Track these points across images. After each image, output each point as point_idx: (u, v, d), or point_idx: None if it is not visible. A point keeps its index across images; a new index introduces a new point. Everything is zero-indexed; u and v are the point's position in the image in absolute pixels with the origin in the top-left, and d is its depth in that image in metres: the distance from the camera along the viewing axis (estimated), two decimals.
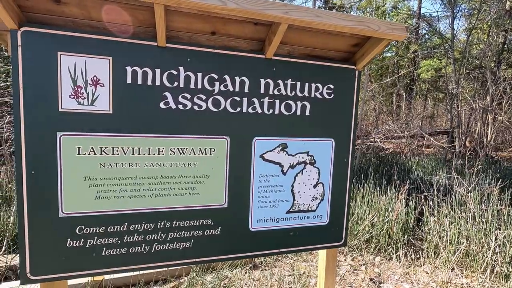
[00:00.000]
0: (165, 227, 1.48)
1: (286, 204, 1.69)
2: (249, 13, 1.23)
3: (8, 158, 4.10)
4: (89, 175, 1.35)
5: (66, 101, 1.29)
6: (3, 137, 4.36)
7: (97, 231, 1.38)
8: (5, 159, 4.15)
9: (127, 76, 1.35)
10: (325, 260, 1.87)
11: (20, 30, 1.21)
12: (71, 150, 1.31)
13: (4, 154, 4.12)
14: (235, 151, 1.55)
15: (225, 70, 1.49)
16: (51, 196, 1.31)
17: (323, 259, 1.88)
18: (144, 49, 1.36)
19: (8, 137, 4.35)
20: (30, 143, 1.26)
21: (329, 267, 1.88)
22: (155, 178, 1.44)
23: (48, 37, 1.24)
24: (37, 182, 1.28)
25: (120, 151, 1.37)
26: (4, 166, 4.10)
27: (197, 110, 1.46)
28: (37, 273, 1.33)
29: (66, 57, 1.27)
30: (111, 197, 1.39)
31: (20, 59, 1.22)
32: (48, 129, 1.27)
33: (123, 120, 1.36)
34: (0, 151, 4.19)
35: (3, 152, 4.12)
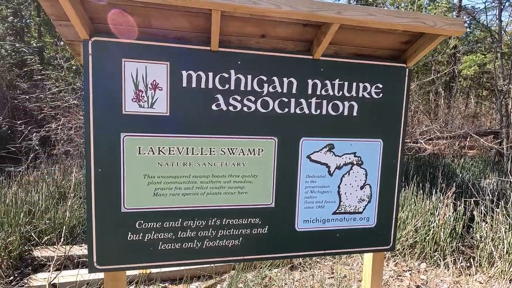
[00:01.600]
0: (215, 224, 1.54)
1: (332, 205, 1.68)
2: (302, 14, 1.24)
3: (61, 157, 4.48)
4: (148, 173, 1.44)
5: (129, 104, 1.39)
6: (56, 138, 4.76)
7: (154, 226, 1.47)
8: (59, 158, 4.53)
9: (182, 80, 1.42)
10: (371, 264, 1.82)
11: (91, 40, 1.32)
12: (133, 149, 1.41)
13: (58, 153, 4.51)
14: (283, 151, 1.57)
15: (274, 71, 1.51)
16: (115, 192, 1.41)
17: (369, 263, 1.84)
18: (198, 53, 1.43)
19: (61, 138, 4.75)
20: (98, 143, 1.37)
21: (375, 271, 1.83)
22: (206, 177, 1.50)
23: (115, 45, 1.35)
24: (103, 179, 1.39)
25: (175, 150, 1.45)
26: (58, 165, 4.48)
27: (246, 111, 1.50)
28: (102, 263, 1.44)
29: (130, 63, 1.37)
30: (167, 194, 1.47)
31: (91, 67, 1.33)
32: (113, 130, 1.38)
33: (178, 121, 1.44)
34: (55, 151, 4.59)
35: (57, 151, 4.51)
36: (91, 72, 1.34)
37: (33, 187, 3.57)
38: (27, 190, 3.38)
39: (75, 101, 5.02)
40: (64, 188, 3.72)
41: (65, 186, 3.74)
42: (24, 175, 3.99)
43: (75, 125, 4.87)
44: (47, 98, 5.13)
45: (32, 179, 3.91)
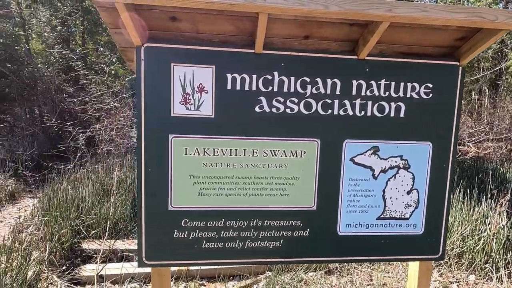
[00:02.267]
0: (257, 225, 1.55)
1: (376, 210, 1.62)
2: (351, 14, 1.22)
3: (104, 157, 4.78)
4: (194, 173, 1.48)
5: (177, 106, 1.44)
6: (99, 139, 5.09)
7: (198, 225, 1.51)
8: (102, 157, 4.84)
9: (227, 83, 1.45)
10: (417, 273, 1.73)
11: (143, 47, 1.40)
12: (180, 150, 1.46)
13: (101, 153, 4.82)
14: (325, 153, 1.54)
15: (317, 72, 1.49)
16: (163, 191, 1.48)
17: (415, 273, 1.74)
18: (242, 56, 1.45)
19: (103, 138, 5.07)
20: (148, 144, 1.45)
21: (422, 282, 1.73)
22: (249, 178, 1.52)
23: (165, 51, 1.41)
24: (152, 178, 1.46)
25: (219, 152, 1.48)
26: (101, 163, 4.78)
27: (289, 113, 1.50)
28: (150, 258, 1.51)
29: (178, 67, 1.42)
30: (211, 194, 1.51)
31: (143, 71, 1.41)
32: (162, 132, 1.44)
33: (222, 123, 1.47)
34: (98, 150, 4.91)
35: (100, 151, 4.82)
36: (143, 77, 1.41)
37: (80, 184, 3.85)
38: (75, 187, 3.65)
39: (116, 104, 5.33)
40: (107, 185, 3.95)
41: (108, 184, 3.98)
42: (72, 173, 4.31)
43: (116, 126, 5.18)
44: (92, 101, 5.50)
45: (79, 176, 4.22)
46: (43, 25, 9.50)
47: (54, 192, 3.52)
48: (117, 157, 5.07)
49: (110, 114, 5.51)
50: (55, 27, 9.58)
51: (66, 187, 3.60)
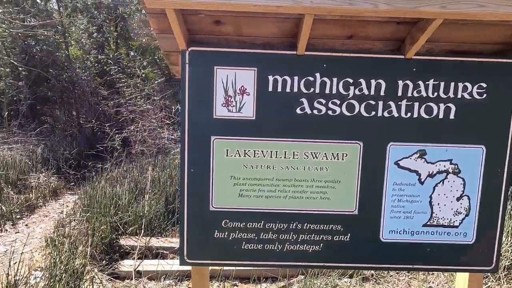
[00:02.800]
0: (296, 228, 1.53)
1: (422, 216, 1.54)
2: (402, 12, 1.17)
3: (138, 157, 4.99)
4: (234, 175, 1.50)
5: (219, 109, 1.46)
6: (133, 139, 5.31)
7: (238, 226, 1.52)
8: (135, 157, 5.05)
9: (269, 85, 1.45)
10: (466, 286, 1.62)
11: (188, 50, 1.44)
12: (221, 152, 1.48)
13: (135, 153, 5.02)
14: (368, 157, 1.49)
15: (361, 73, 1.45)
16: (205, 191, 1.50)
17: (464, 285, 1.64)
18: (284, 58, 1.44)
19: (137, 139, 5.29)
20: (191, 145, 1.48)
21: None
22: (289, 181, 1.51)
23: (208, 54, 1.44)
24: (195, 179, 1.50)
25: (260, 153, 1.49)
26: (134, 163, 4.98)
27: (331, 115, 1.47)
28: (192, 257, 1.54)
29: (221, 70, 1.45)
30: (251, 195, 1.51)
31: (187, 75, 1.45)
32: (205, 134, 1.47)
33: (263, 125, 1.47)
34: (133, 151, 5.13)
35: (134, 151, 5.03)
36: (187, 80, 1.45)
37: (116, 182, 4.03)
38: (112, 185, 3.83)
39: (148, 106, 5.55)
40: (141, 184, 4.11)
41: (142, 183, 4.14)
42: (109, 172, 4.54)
43: (148, 128, 5.38)
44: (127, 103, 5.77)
45: (115, 175, 4.42)
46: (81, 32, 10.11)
47: (94, 190, 3.72)
48: (149, 157, 5.27)
49: (142, 115, 5.74)
50: (92, 33, 10.16)
51: (105, 185, 3.79)
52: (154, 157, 5.10)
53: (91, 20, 10.00)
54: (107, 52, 10.83)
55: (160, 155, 5.40)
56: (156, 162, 4.83)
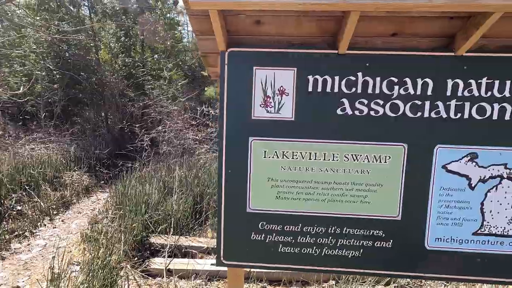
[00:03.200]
0: (335, 232, 1.48)
1: (472, 224, 1.44)
2: (459, 6, 1.10)
3: (165, 157, 5.11)
4: (272, 177, 1.48)
5: (258, 109, 1.45)
6: (160, 140, 5.44)
7: (275, 229, 1.50)
8: (163, 157, 5.17)
9: (308, 85, 1.42)
10: None
11: (227, 51, 1.44)
12: (259, 153, 1.47)
13: (162, 153, 5.15)
14: (413, 159, 1.42)
15: (406, 72, 1.39)
16: (242, 192, 1.49)
17: None
18: (325, 58, 1.41)
19: (164, 139, 5.42)
20: (229, 146, 1.48)
21: None
22: (328, 184, 1.47)
23: (247, 54, 1.43)
24: (232, 180, 1.49)
25: (298, 155, 1.46)
26: (161, 163, 5.10)
27: (373, 115, 1.41)
28: (228, 258, 1.54)
29: (260, 71, 1.43)
30: (289, 198, 1.48)
31: (226, 76, 1.45)
32: (243, 134, 1.47)
33: (302, 126, 1.44)
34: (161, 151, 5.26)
35: (161, 151, 5.15)
36: (226, 81, 1.45)
37: (145, 181, 4.15)
38: (142, 184, 3.95)
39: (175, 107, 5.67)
40: (169, 184, 4.20)
41: (169, 182, 4.23)
42: (138, 171, 4.68)
43: (174, 129, 5.50)
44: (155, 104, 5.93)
45: (143, 174, 4.55)
46: (110, 36, 10.55)
47: (125, 188, 3.85)
48: (175, 157, 5.38)
49: (168, 116, 5.87)
50: (120, 38, 10.57)
51: (135, 184, 3.91)
52: (180, 157, 5.20)
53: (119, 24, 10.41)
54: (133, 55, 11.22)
55: (186, 155, 5.50)
56: (182, 162, 4.92)
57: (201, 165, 5.02)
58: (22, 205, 3.99)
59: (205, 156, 5.65)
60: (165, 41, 11.90)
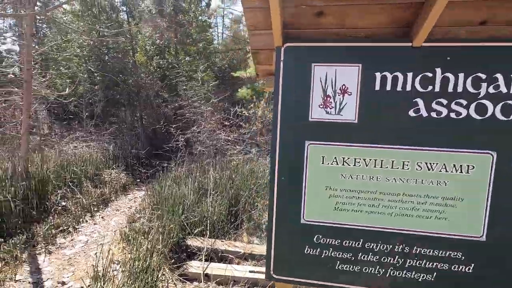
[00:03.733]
0: (403, 251, 1.30)
1: None
2: None
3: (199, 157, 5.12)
4: (330, 185, 1.33)
5: (316, 110, 1.31)
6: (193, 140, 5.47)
7: (332, 243, 1.35)
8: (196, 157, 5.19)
9: (375, 83, 1.25)
10: None
11: (283, 47, 1.31)
12: (316, 159, 1.33)
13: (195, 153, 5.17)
14: (504, 170, 1.20)
15: (497, 67, 1.17)
16: (296, 201, 1.36)
17: None
18: (396, 51, 1.23)
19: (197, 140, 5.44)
20: (283, 150, 1.35)
21: None
22: (396, 195, 1.28)
23: (305, 50, 1.30)
24: (285, 187, 1.36)
25: (361, 162, 1.29)
26: (195, 163, 5.11)
27: (454, 118, 1.21)
28: (278, 273, 1.41)
29: (319, 67, 1.29)
30: (349, 210, 1.32)
31: (281, 74, 1.32)
32: (298, 138, 1.33)
33: (367, 129, 1.28)
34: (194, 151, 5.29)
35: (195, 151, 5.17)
36: (281, 79, 1.32)
37: (180, 181, 4.16)
38: (177, 184, 3.96)
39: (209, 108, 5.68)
40: (203, 184, 4.17)
41: (204, 183, 4.20)
42: (172, 171, 4.73)
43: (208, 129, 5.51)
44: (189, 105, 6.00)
45: (178, 174, 4.59)
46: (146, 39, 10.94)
47: (162, 188, 3.88)
48: (207, 158, 5.38)
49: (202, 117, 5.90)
50: (155, 41, 10.93)
51: (171, 184, 3.93)
52: (213, 158, 5.19)
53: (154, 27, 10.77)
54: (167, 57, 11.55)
55: (218, 155, 5.48)
56: (215, 163, 4.90)
57: (234, 167, 4.96)
58: (66, 201, 4.17)
59: (237, 158, 5.59)
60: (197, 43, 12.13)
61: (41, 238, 3.23)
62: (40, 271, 2.70)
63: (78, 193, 4.38)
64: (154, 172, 5.55)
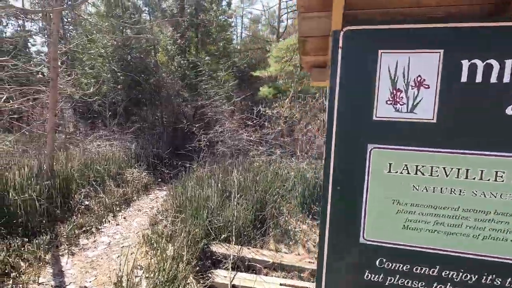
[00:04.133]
0: (493, 284, 1.04)
1: None
2: None
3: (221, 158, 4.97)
4: (398, 198, 1.09)
5: (382, 107, 1.08)
6: (215, 140, 5.33)
7: (400, 269, 1.11)
8: (218, 157, 5.04)
9: (461, 73, 1.01)
10: None
11: (343, 31, 1.09)
12: (380, 166, 1.09)
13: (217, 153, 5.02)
14: None
15: None
16: (354, 217, 1.13)
17: None
18: (491, 33, 0.98)
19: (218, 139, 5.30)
20: (339, 155, 1.13)
21: None
22: (485, 213, 1.03)
23: (370, 34, 1.07)
24: (341, 199, 1.14)
25: (440, 171, 1.05)
26: (217, 164, 4.96)
27: None
28: None
29: (388, 55, 1.06)
30: (422, 229, 1.08)
31: (339, 63, 1.10)
32: (359, 140, 1.11)
33: (448, 131, 1.03)
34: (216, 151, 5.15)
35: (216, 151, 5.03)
36: (339, 69, 1.10)
37: (203, 182, 4.02)
38: (202, 187, 3.82)
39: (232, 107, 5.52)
40: (226, 186, 4.00)
41: (227, 184, 4.03)
42: (194, 171, 4.60)
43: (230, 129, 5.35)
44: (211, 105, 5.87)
45: (200, 175, 4.45)
46: (167, 39, 10.99)
47: (185, 189, 3.75)
48: (229, 158, 5.22)
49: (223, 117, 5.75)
50: (176, 40, 10.95)
51: (194, 185, 3.79)
52: (235, 158, 5.02)
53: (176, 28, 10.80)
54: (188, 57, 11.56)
55: (240, 156, 5.31)
56: (237, 164, 4.72)
57: (257, 168, 4.77)
58: (89, 200, 4.14)
59: (259, 159, 5.40)
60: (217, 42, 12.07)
61: (64, 239, 3.17)
62: (62, 274, 2.62)
63: (101, 192, 4.34)
64: (177, 173, 5.46)
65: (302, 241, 3.18)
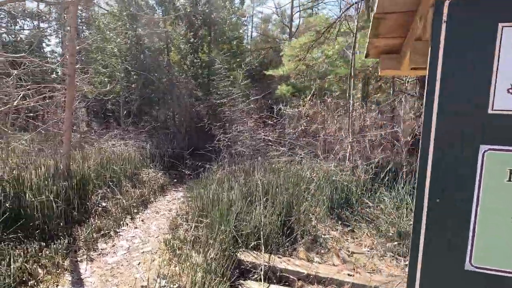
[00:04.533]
0: None
1: None
2: None
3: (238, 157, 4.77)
4: None
5: (501, 98, 0.84)
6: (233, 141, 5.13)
7: None
8: (236, 158, 4.84)
9: None
10: None
11: (446, 1, 0.85)
12: (498, 173, 0.85)
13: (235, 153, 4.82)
14: None
15: None
16: (458, 236, 0.90)
17: None
18: None
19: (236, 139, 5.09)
20: (439, 157, 0.89)
21: None
22: None
23: (485, 2, 0.83)
24: (441, 214, 0.91)
25: None
26: (236, 165, 4.75)
27: None
28: None
29: (511, 29, 0.82)
30: None
31: (443, 40, 0.87)
32: (468, 140, 0.87)
33: None
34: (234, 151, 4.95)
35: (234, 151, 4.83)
36: (441, 50, 0.87)
37: (224, 183, 3.81)
38: (223, 188, 3.62)
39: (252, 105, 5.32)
40: (248, 188, 3.79)
41: (248, 186, 3.82)
42: (214, 173, 4.41)
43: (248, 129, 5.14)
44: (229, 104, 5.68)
45: (220, 176, 4.25)
46: (180, 38, 10.86)
47: (207, 192, 3.56)
48: (248, 159, 5.01)
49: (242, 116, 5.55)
50: (189, 39, 10.82)
51: (217, 187, 3.60)
52: (255, 159, 4.80)
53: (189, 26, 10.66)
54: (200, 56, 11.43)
55: (259, 156, 5.10)
56: (257, 165, 4.51)
57: (278, 169, 4.54)
58: (106, 201, 3.99)
59: (279, 159, 5.17)
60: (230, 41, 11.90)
61: (83, 243, 3.01)
62: (82, 282, 2.45)
63: (118, 193, 4.19)
64: (196, 174, 5.28)
65: (335, 250, 2.93)
